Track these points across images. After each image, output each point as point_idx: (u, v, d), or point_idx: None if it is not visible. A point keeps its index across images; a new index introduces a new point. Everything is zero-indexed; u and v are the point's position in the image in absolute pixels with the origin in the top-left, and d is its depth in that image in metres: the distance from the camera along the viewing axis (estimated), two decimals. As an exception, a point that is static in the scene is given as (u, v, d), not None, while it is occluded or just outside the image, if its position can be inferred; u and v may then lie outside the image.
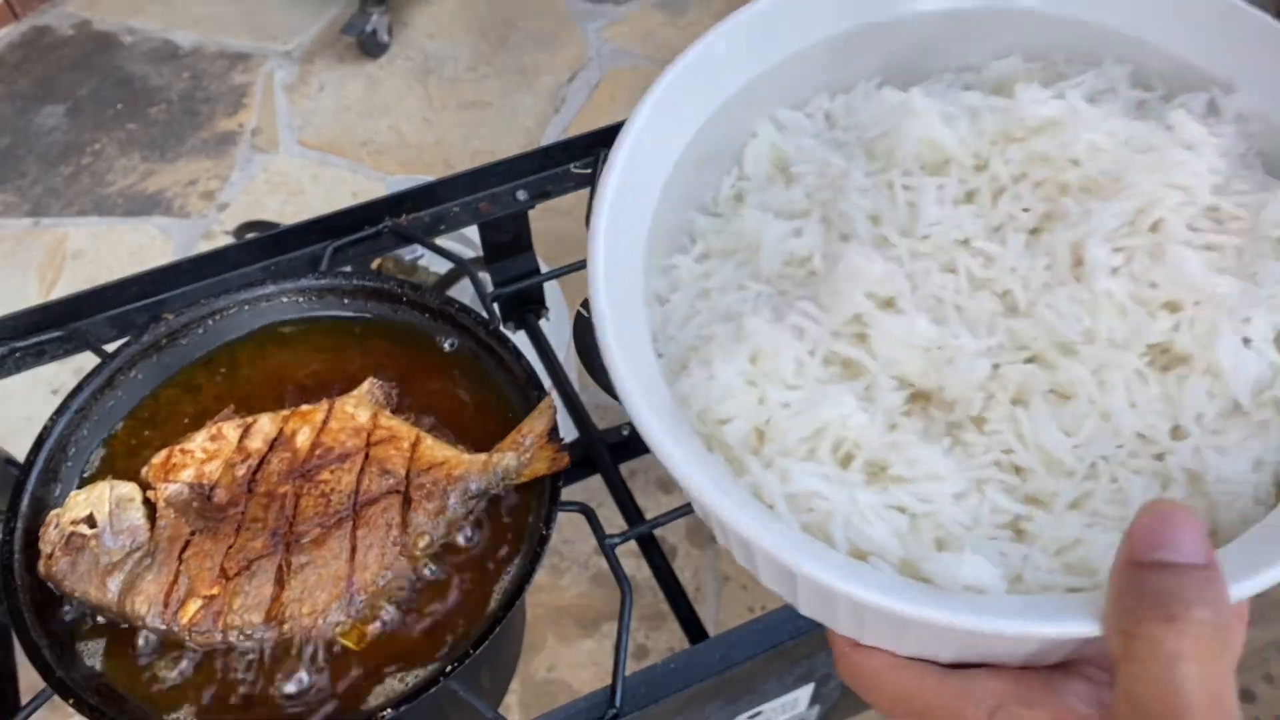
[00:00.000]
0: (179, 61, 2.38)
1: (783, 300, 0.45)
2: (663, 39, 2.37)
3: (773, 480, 0.40)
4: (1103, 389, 0.41)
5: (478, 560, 0.73)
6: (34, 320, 0.91)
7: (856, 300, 0.43)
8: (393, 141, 2.20)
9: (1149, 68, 0.50)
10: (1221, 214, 0.44)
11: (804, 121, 0.52)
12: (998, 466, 0.41)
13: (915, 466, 0.40)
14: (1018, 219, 0.45)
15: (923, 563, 0.39)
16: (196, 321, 0.83)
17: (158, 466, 0.74)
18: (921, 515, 0.40)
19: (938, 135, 0.46)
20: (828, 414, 0.41)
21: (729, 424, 0.42)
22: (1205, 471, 0.40)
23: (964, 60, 0.52)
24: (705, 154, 0.50)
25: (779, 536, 0.38)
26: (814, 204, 0.48)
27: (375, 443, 0.75)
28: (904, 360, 0.42)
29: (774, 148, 0.51)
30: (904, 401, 0.43)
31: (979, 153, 0.46)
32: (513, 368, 0.80)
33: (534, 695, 1.49)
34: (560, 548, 1.63)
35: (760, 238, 0.47)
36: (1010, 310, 0.43)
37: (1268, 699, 1.45)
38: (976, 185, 0.46)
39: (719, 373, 0.42)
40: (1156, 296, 0.41)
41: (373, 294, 0.85)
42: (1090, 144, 0.44)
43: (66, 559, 0.69)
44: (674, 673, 0.74)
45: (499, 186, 1.05)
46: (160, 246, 2.04)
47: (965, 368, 0.41)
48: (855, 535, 0.39)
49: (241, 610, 0.68)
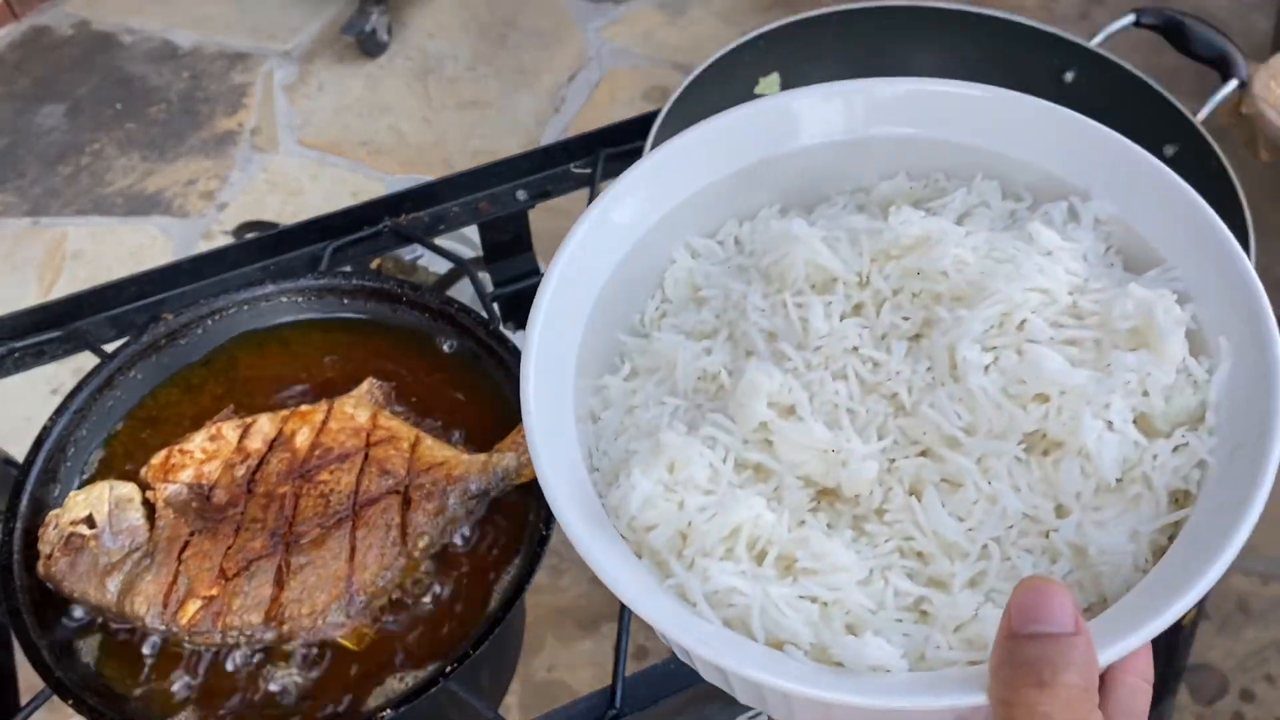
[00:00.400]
0: (178, 61, 2.38)
1: (697, 413, 0.50)
2: (663, 39, 2.37)
3: (694, 580, 0.44)
4: (987, 476, 0.45)
5: (478, 560, 0.73)
6: (33, 320, 0.91)
7: (760, 410, 0.47)
8: (392, 141, 2.20)
9: (1017, 180, 0.55)
10: (1081, 310, 0.49)
11: (715, 248, 0.57)
12: (900, 553, 0.46)
13: (821, 559, 0.44)
14: (900, 327, 0.50)
15: (833, 648, 0.43)
16: (196, 321, 0.83)
17: (157, 467, 0.73)
18: (831, 603, 0.44)
19: (822, 258, 0.51)
20: (741, 515, 0.45)
21: (654, 530, 0.46)
22: (1088, 545, 0.44)
23: (857, 183, 0.58)
24: (632, 278, 0.56)
25: (702, 635, 0.42)
26: (722, 324, 0.53)
27: (375, 443, 0.74)
28: (806, 463, 0.47)
29: (690, 272, 0.57)
30: (810, 499, 0.48)
31: (860, 271, 0.51)
32: (513, 368, 0.80)
33: (534, 695, 1.49)
34: (560, 548, 1.62)
35: (676, 357, 0.52)
36: (899, 410, 0.48)
37: (1268, 699, 1.45)
38: (861, 299, 0.51)
39: (640, 483, 0.46)
40: (1026, 390, 0.46)
41: (372, 294, 0.85)
42: (957, 258, 0.49)
43: (66, 559, 0.69)
44: (674, 673, 0.74)
45: (499, 186, 1.05)
46: (160, 246, 2.04)
47: (856, 469, 0.46)
48: (772, 626, 0.43)
49: (241, 611, 0.68)
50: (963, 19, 1.06)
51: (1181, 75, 1.19)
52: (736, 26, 2.38)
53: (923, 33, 1.08)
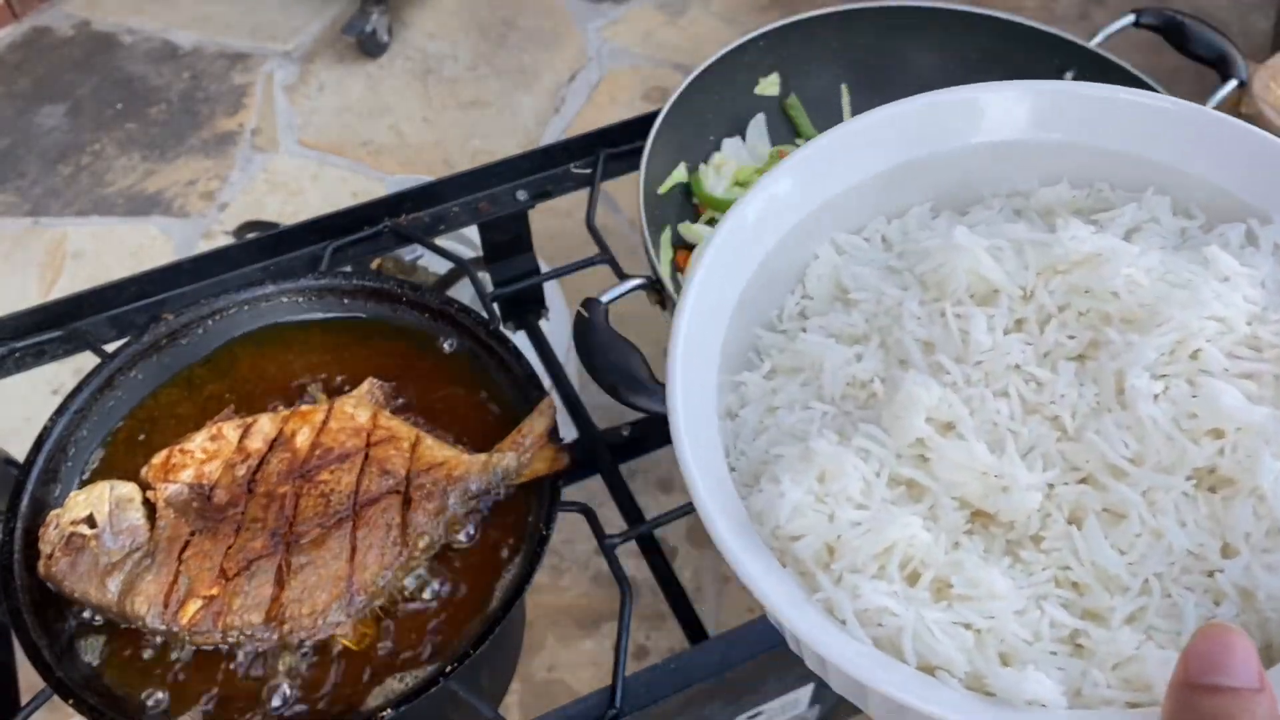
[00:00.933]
0: (179, 61, 2.38)
1: (846, 420, 0.48)
2: (662, 39, 2.37)
3: (843, 597, 0.43)
4: (1153, 509, 0.43)
5: (478, 560, 0.73)
6: (34, 320, 0.91)
7: (917, 425, 0.46)
8: (392, 141, 2.20)
9: (1189, 197, 0.52)
10: (1259, 342, 0.46)
11: (862, 245, 0.55)
12: (1055, 583, 0.44)
13: (978, 586, 0.43)
14: (1064, 346, 0.47)
15: (988, 678, 0.41)
16: (196, 321, 0.83)
17: (157, 467, 0.73)
18: (985, 631, 0.42)
19: (985, 269, 0.49)
20: (895, 534, 0.44)
21: (800, 540, 0.45)
22: (1256, 589, 0.42)
23: (1013, 186, 0.55)
24: (770, 275, 0.54)
25: (854, 653, 0.41)
26: (873, 329, 0.51)
27: (375, 443, 0.74)
28: (964, 484, 0.45)
29: (834, 269, 0.54)
30: (965, 520, 0.46)
31: (1025, 285, 0.49)
32: (513, 368, 0.80)
33: (534, 695, 1.49)
34: (560, 548, 1.62)
35: (823, 361, 0.50)
36: (1062, 434, 0.46)
37: (1268, 699, 1.45)
38: (1024, 314, 0.49)
39: (789, 491, 0.45)
40: (1199, 424, 0.44)
41: (372, 294, 0.85)
42: (1129, 278, 0.47)
43: (66, 559, 0.69)
44: (674, 673, 0.74)
45: (499, 186, 1.05)
46: (160, 246, 2.04)
47: (1020, 498, 0.44)
48: (925, 650, 0.42)
49: (241, 610, 0.68)
50: (963, 19, 1.06)
51: (1181, 75, 1.19)
52: (736, 26, 2.38)
53: (923, 33, 1.08)
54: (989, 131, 0.54)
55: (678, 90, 0.99)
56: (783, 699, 0.88)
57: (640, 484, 1.66)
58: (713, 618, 1.57)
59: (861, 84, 1.11)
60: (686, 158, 1.04)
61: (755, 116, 1.09)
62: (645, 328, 0.96)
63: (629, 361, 0.76)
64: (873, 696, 0.42)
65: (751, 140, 1.08)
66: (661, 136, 0.96)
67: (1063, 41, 1.02)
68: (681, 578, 0.96)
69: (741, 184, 1.05)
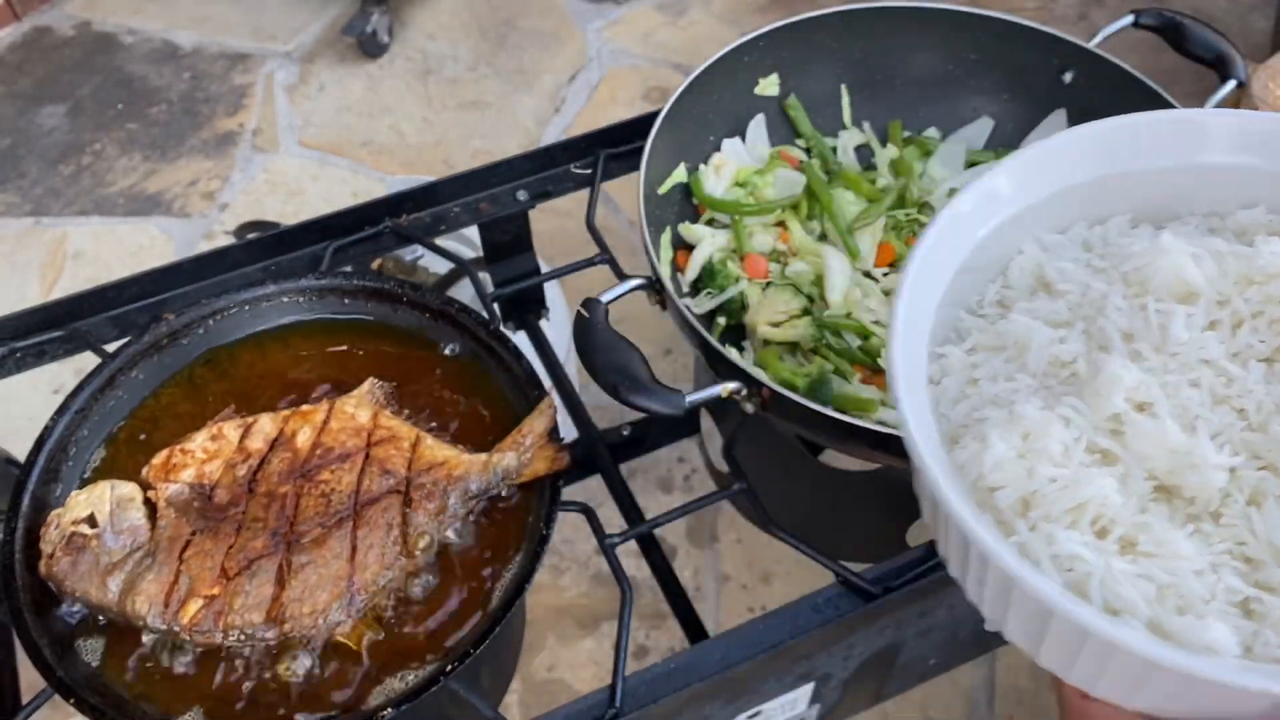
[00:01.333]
0: (179, 62, 2.38)
1: (1048, 393, 0.53)
2: (662, 39, 2.37)
3: (1039, 541, 0.47)
4: None
5: (478, 560, 0.73)
6: (34, 320, 0.92)
7: (1117, 402, 0.50)
8: (393, 141, 2.20)
9: None
10: None
11: (1066, 244, 0.60)
12: (1230, 555, 0.48)
13: (1163, 546, 0.47)
14: (1255, 348, 0.52)
15: (1168, 625, 0.45)
16: (197, 321, 0.83)
17: (158, 466, 0.74)
18: (1166, 585, 0.46)
19: (1187, 272, 0.54)
20: (1090, 492, 0.48)
21: (999, 491, 0.49)
22: None
23: (1210, 207, 0.60)
24: (975, 264, 0.59)
25: (1050, 586, 0.44)
26: (1076, 317, 0.56)
27: (375, 443, 0.75)
28: (1155, 458, 0.49)
29: (1038, 264, 0.59)
30: (1151, 490, 0.50)
31: (1222, 290, 0.54)
32: (513, 368, 0.80)
33: (534, 695, 1.49)
34: (560, 548, 1.63)
35: (1029, 340, 0.55)
36: (1247, 424, 0.50)
37: (1267, 699, 1.45)
38: (1219, 317, 0.53)
39: (996, 445, 0.49)
40: None
41: (373, 294, 0.85)
42: None
43: (67, 559, 0.69)
44: (674, 673, 0.74)
45: (499, 186, 1.05)
46: (161, 247, 2.04)
47: (1207, 475, 0.48)
48: (1110, 595, 0.46)
49: (242, 610, 0.68)
50: (963, 19, 1.06)
51: (1180, 76, 1.19)
52: (736, 27, 2.38)
53: (922, 33, 1.08)
54: (1197, 153, 0.59)
55: (678, 90, 0.99)
56: (782, 699, 0.88)
57: (640, 484, 1.67)
58: (713, 618, 1.57)
59: (861, 84, 1.11)
60: (686, 158, 1.04)
61: (755, 117, 1.09)
62: (645, 328, 0.96)
63: (629, 361, 0.76)
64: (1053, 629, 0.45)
65: (751, 140, 1.08)
66: (661, 137, 0.96)
67: (1062, 42, 1.02)
68: (681, 577, 0.96)
69: (741, 184, 1.05)
